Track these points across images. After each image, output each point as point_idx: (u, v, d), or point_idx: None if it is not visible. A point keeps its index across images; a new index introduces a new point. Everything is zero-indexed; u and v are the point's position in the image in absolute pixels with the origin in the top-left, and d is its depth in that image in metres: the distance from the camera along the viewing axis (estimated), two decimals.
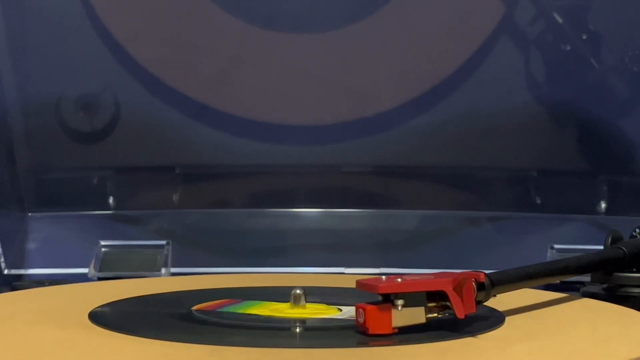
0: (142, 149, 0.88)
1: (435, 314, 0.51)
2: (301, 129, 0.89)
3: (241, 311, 0.56)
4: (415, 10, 0.87)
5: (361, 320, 0.49)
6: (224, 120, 0.88)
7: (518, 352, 0.48)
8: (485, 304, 0.53)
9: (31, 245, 0.85)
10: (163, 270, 0.80)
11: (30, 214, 0.87)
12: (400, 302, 0.49)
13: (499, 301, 0.55)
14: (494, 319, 0.54)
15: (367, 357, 0.46)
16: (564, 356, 0.47)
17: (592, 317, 0.57)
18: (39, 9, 0.85)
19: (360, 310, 0.50)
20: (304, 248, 0.87)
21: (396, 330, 0.49)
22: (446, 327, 0.50)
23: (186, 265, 0.82)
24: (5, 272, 0.81)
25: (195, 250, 0.87)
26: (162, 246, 0.81)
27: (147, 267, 0.79)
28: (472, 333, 0.50)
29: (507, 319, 0.54)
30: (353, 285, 0.52)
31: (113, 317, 0.55)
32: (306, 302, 0.56)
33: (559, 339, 0.50)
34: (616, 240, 0.65)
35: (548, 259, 0.80)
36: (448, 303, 0.50)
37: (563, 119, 0.89)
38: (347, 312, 0.55)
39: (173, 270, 0.80)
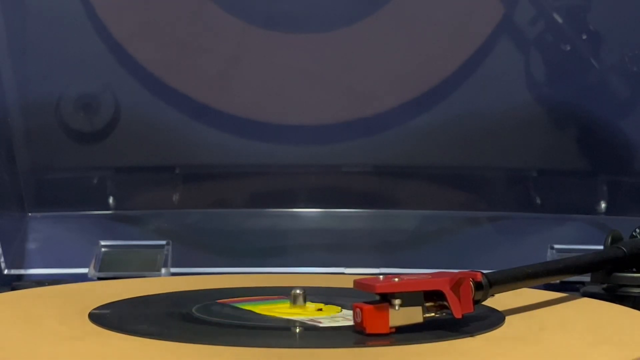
0: (142, 149, 0.88)
1: (433, 314, 0.51)
2: (301, 129, 0.89)
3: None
4: (415, 11, 0.87)
5: (359, 319, 0.50)
6: (224, 120, 0.88)
7: (517, 352, 0.48)
8: (485, 303, 0.53)
9: (31, 245, 0.85)
10: (163, 270, 0.80)
11: (30, 214, 0.87)
12: (397, 301, 0.49)
13: (499, 301, 0.55)
14: (494, 319, 0.54)
15: (365, 357, 0.46)
16: (564, 356, 0.47)
17: (592, 317, 0.57)
18: (39, 9, 0.85)
19: (358, 310, 0.50)
20: (304, 248, 0.88)
21: (393, 330, 0.49)
22: (444, 327, 0.50)
23: (186, 265, 0.82)
24: (5, 272, 0.81)
25: (195, 250, 0.87)
26: (162, 246, 0.81)
27: (147, 267, 0.79)
28: (472, 333, 0.50)
29: (507, 319, 0.54)
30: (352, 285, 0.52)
31: (113, 317, 0.55)
32: (306, 302, 0.56)
33: (558, 339, 0.50)
34: (616, 240, 0.65)
35: (548, 259, 0.80)
36: (445, 303, 0.50)
37: (563, 119, 0.89)
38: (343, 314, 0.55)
39: (173, 270, 0.81)
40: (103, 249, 0.81)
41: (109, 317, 0.54)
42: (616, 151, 0.89)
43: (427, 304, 0.51)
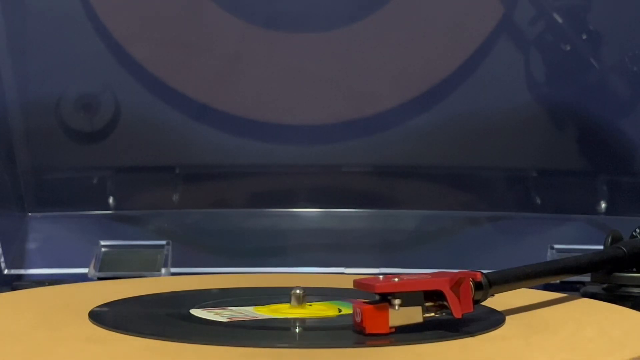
0: (142, 149, 0.88)
1: (433, 314, 0.51)
2: (301, 129, 0.89)
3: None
4: (415, 10, 0.87)
5: (358, 319, 0.50)
6: (224, 120, 0.88)
7: (517, 352, 0.48)
8: (484, 303, 0.53)
9: (31, 245, 0.85)
10: (163, 270, 0.80)
11: (30, 214, 0.87)
12: (397, 301, 0.49)
13: (499, 301, 0.55)
14: (494, 319, 0.54)
15: (364, 357, 0.46)
16: (564, 356, 0.47)
17: (592, 317, 0.57)
18: (39, 9, 0.85)
19: (358, 309, 0.50)
20: (304, 248, 0.88)
21: (393, 330, 0.49)
22: (444, 327, 0.50)
23: (186, 265, 0.82)
24: (5, 272, 0.81)
25: (195, 250, 0.87)
26: (162, 246, 0.81)
27: (147, 267, 0.79)
28: (472, 333, 0.50)
29: (507, 318, 0.54)
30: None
31: (113, 317, 0.55)
32: (306, 302, 0.56)
33: (558, 339, 0.50)
34: (616, 240, 0.65)
35: (548, 259, 0.80)
36: (445, 303, 0.50)
37: (563, 119, 0.89)
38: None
39: (173, 270, 0.80)
40: (103, 249, 0.81)
41: (109, 317, 0.54)
42: (616, 151, 0.89)
43: (427, 304, 0.51)
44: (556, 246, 0.81)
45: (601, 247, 0.65)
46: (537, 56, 0.88)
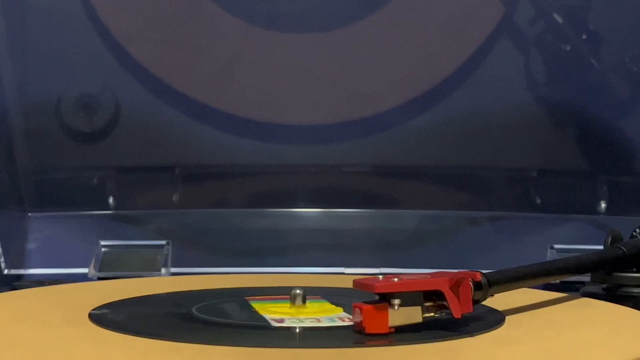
0: (142, 149, 0.89)
1: (432, 314, 0.51)
2: (301, 129, 0.89)
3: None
4: (415, 10, 0.87)
5: (358, 319, 0.50)
6: (224, 120, 0.88)
7: (517, 352, 0.48)
8: (484, 303, 0.53)
9: (31, 245, 0.85)
10: (163, 270, 0.80)
11: (30, 214, 0.87)
12: (396, 301, 0.49)
13: (499, 301, 0.55)
14: (494, 319, 0.54)
15: (364, 357, 0.46)
16: (564, 356, 0.47)
17: (592, 317, 0.57)
18: (39, 9, 0.85)
19: (357, 309, 0.50)
20: (304, 248, 0.88)
21: (393, 330, 0.49)
22: (444, 326, 0.50)
23: (186, 265, 0.82)
24: (5, 272, 0.81)
25: (195, 250, 0.87)
26: (162, 246, 0.81)
27: (147, 267, 0.80)
28: (471, 333, 0.50)
29: (507, 318, 0.54)
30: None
31: (113, 317, 0.55)
32: (306, 302, 0.56)
33: (558, 339, 0.50)
34: (616, 240, 0.65)
35: (548, 259, 0.80)
36: (445, 303, 0.50)
37: (563, 119, 0.89)
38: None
39: (173, 270, 0.81)
40: (103, 249, 0.81)
41: (109, 317, 0.54)
42: (616, 151, 0.89)
43: (427, 304, 0.51)
44: (556, 246, 0.81)
45: (601, 247, 0.65)
46: (537, 56, 0.88)
